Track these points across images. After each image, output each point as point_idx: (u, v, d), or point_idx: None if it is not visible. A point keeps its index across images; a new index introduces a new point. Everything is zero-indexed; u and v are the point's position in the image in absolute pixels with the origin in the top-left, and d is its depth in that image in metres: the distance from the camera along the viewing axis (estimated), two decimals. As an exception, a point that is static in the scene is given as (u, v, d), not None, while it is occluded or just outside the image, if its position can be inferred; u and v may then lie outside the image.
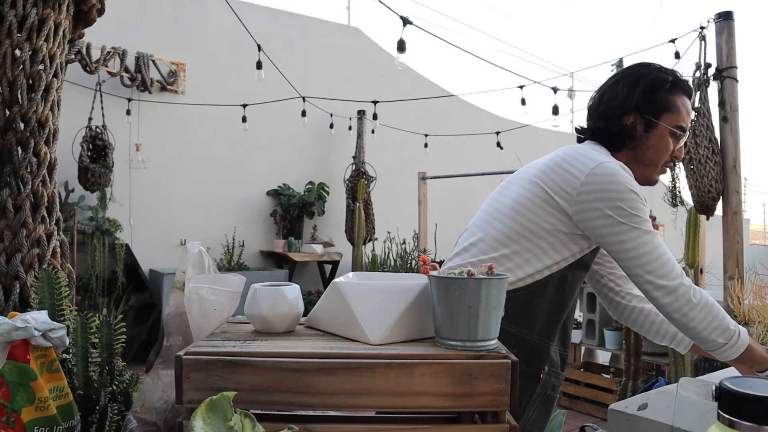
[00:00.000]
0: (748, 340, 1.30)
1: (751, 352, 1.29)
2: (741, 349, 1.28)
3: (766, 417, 0.56)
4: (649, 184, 1.46)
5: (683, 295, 1.27)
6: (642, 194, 1.32)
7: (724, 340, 1.27)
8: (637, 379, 3.62)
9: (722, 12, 3.33)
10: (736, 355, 1.28)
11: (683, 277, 1.29)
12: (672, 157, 1.43)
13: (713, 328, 1.27)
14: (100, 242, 5.04)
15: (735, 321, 1.35)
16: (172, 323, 1.07)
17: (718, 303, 1.31)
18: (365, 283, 1.07)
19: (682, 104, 1.40)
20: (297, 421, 0.87)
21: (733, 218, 3.33)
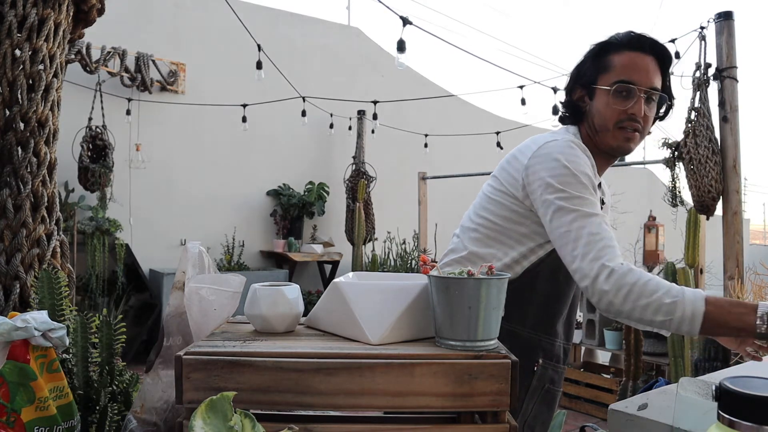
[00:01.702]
0: (700, 309, 1.08)
1: (715, 321, 1.09)
2: (693, 321, 1.08)
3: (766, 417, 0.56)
4: (620, 152, 1.36)
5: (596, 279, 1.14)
6: (583, 171, 1.24)
7: (663, 317, 1.10)
8: (637, 379, 3.62)
9: (722, 12, 3.33)
10: (692, 329, 1.09)
11: (604, 260, 1.14)
12: (629, 116, 1.30)
13: (643, 307, 1.11)
14: (100, 242, 5.05)
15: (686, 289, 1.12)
16: (172, 323, 1.07)
17: (651, 276, 1.13)
18: (365, 283, 1.07)
19: (624, 60, 1.32)
20: (297, 421, 0.87)
21: (733, 218, 3.33)
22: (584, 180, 1.24)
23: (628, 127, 1.32)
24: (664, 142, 3.61)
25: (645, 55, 1.33)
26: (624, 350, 3.69)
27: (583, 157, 1.28)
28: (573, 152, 1.27)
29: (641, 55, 1.33)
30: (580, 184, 1.23)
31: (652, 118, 1.35)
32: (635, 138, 1.33)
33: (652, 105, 1.33)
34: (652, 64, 1.33)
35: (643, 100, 1.31)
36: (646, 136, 1.38)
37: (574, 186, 1.22)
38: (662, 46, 1.35)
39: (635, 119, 1.31)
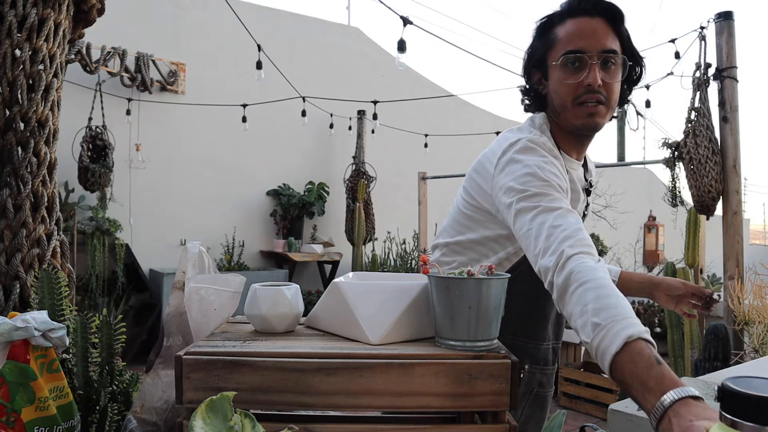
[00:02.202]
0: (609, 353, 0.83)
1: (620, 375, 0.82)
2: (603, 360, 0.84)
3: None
4: (587, 129, 1.24)
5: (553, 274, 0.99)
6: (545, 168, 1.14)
7: (585, 337, 0.89)
8: (637, 379, 3.61)
9: (722, 12, 3.33)
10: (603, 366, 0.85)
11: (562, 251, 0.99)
12: (585, 88, 1.19)
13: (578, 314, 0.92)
14: (100, 242, 5.05)
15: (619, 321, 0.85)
16: (172, 323, 1.07)
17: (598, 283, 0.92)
18: (365, 283, 1.07)
19: (568, 29, 1.21)
20: (297, 421, 0.87)
21: (733, 218, 3.33)
22: (546, 176, 1.13)
23: (588, 101, 1.19)
24: (664, 142, 3.61)
25: (591, 18, 1.20)
26: (624, 350, 3.69)
27: (545, 155, 1.18)
28: (533, 153, 1.17)
29: (586, 19, 1.20)
30: (541, 181, 1.12)
31: (616, 84, 1.21)
32: (599, 111, 1.20)
33: (612, 70, 1.20)
34: (601, 26, 1.20)
35: (597, 67, 1.18)
36: (616, 106, 1.25)
37: (534, 184, 1.12)
38: (608, 3, 1.21)
39: (593, 90, 1.18)
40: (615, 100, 1.22)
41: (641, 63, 1.26)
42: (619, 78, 1.21)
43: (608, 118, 1.24)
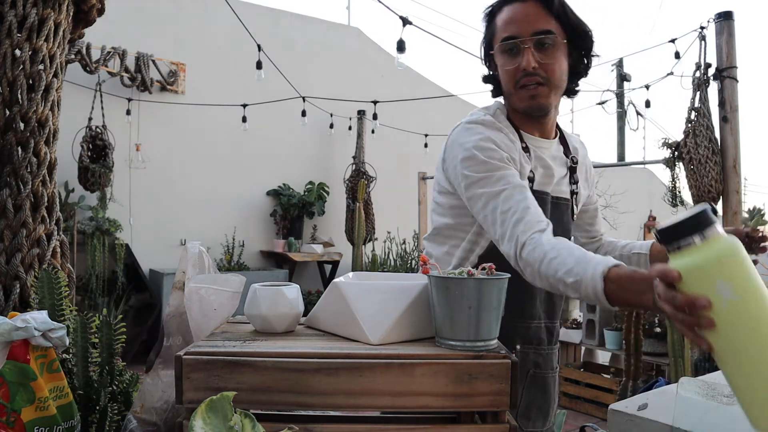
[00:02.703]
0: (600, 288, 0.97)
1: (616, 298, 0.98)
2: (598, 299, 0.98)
3: (690, 230, 0.73)
4: (534, 111, 1.28)
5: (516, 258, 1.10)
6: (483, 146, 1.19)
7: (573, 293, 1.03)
8: (637, 379, 3.62)
9: (722, 12, 3.33)
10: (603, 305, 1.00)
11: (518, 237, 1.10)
12: (522, 72, 1.22)
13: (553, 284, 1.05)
14: (100, 242, 5.04)
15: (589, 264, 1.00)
16: (172, 323, 1.07)
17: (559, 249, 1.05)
18: (365, 283, 1.07)
19: (503, 17, 1.26)
20: (297, 421, 0.87)
21: (733, 218, 3.33)
22: (485, 157, 1.18)
23: (528, 84, 1.23)
24: (664, 142, 3.61)
25: (523, 4, 1.24)
26: (624, 350, 3.69)
27: (482, 132, 1.23)
28: (470, 132, 1.23)
29: (519, 4, 1.25)
30: (481, 164, 1.18)
31: (557, 63, 1.23)
32: (539, 92, 1.24)
33: (549, 50, 1.22)
34: (533, 9, 1.23)
35: (531, 51, 1.21)
36: (564, 83, 1.27)
37: (475, 167, 1.18)
38: None
39: (529, 72, 1.22)
40: (558, 77, 1.25)
41: (587, 36, 1.27)
42: (558, 56, 1.24)
43: (555, 97, 1.27)
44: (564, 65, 1.25)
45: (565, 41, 1.24)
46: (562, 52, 1.24)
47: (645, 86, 4.56)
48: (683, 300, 0.73)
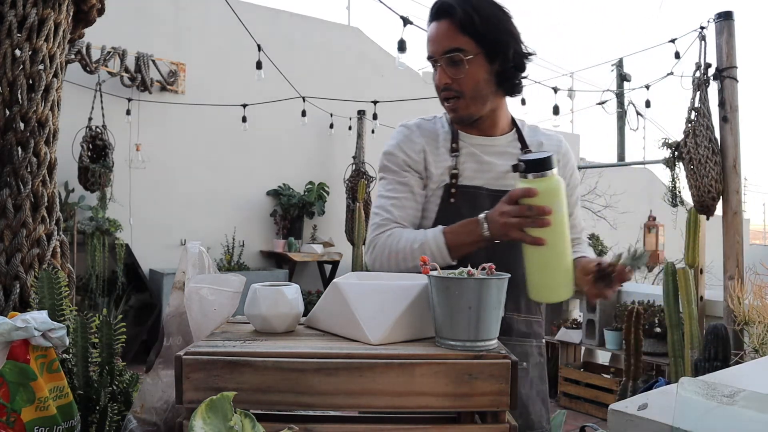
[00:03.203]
0: (441, 240, 1.26)
1: (457, 243, 1.26)
2: (442, 252, 1.26)
3: (548, 165, 1.15)
4: (457, 122, 1.40)
5: (368, 252, 1.36)
6: (390, 152, 1.40)
7: (415, 255, 1.28)
8: (637, 379, 3.62)
9: (722, 12, 3.33)
10: (445, 258, 1.26)
11: (368, 239, 1.37)
12: (441, 87, 1.36)
13: (402, 259, 1.29)
14: (100, 242, 5.05)
15: (427, 230, 1.31)
16: (172, 323, 1.07)
17: (399, 235, 1.33)
18: (365, 283, 1.07)
19: (426, 37, 1.37)
20: (297, 421, 0.87)
21: (733, 218, 3.33)
22: (387, 161, 1.41)
23: (446, 98, 1.36)
24: (664, 142, 3.61)
25: (437, 22, 1.33)
26: (624, 350, 3.69)
27: (407, 136, 1.41)
28: (394, 135, 1.43)
29: (434, 23, 1.34)
30: (383, 167, 1.42)
31: (467, 77, 1.32)
32: (456, 105, 1.35)
33: (460, 66, 1.31)
34: (443, 27, 1.32)
35: (443, 68, 1.32)
36: (480, 95, 1.35)
37: (382, 169, 1.42)
38: (449, 4, 1.31)
39: (444, 88, 1.34)
40: (473, 89, 1.33)
41: (504, 43, 1.33)
42: (471, 70, 1.31)
43: (477, 106, 1.36)
44: (480, 76, 1.33)
45: (481, 53, 1.31)
46: (478, 65, 1.32)
47: (645, 86, 4.56)
48: (537, 208, 1.12)
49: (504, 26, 1.33)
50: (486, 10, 1.31)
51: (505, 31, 1.33)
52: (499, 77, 1.35)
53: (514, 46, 1.34)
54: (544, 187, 1.14)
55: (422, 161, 1.39)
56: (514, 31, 1.34)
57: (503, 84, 1.37)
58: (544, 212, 1.12)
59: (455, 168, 1.38)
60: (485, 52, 1.31)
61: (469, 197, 1.37)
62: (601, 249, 4.35)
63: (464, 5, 1.30)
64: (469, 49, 1.30)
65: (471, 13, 1.29)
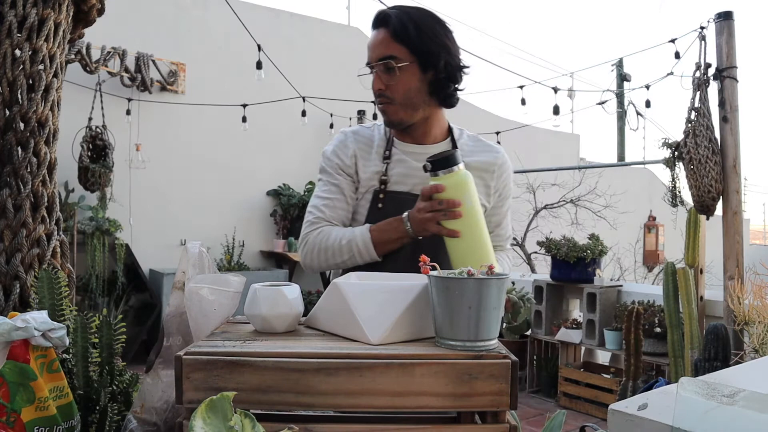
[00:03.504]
0: (367, 237, 1.36)
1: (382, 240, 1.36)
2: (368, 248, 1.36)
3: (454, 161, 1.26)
4: (389, 125, 1.48)
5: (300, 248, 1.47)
6: (327, 156, 1.51)
7: (347, 254, 1.38)
8: (637, 379, 3.62)
9: (722, 12, 3.33)
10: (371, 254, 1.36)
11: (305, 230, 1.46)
12: (375, 93, 1.45)
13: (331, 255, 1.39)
14: (100, 242, 5.04)
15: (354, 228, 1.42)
16: (172, 323, 1.08)
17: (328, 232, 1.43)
18: (365, 283, 1.07)
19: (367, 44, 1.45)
20: (297, 421, 0.87)
21: (733, 218, 3.33)
22: (324, 163, 1.52)
23: (380, 103, 1.44)
24: (664, 142, 3.61)
25: (376, 31, 1.41)
26: (624, 350, 3.69)
27: (342, 141, 1.51)
28: (334, 142, 1.53)
29: (374, 32, 1.42)
30: (320, 169, 1.53)
31: (399, 84, 1.39)
32: (388, 110, 1.43)
33: (393, 73, 1.38)
34: (379, 36, 1.40)
35: (378, 75, 1.40)
36: (411, 102, 1.42)
37: (320, 171, 1.53)
38: (387, 14, 1.39)
39: (377, 94, 1.42)
40: (404, 96, 1.41)
41: (436, 54, 1.38)
42: (403, 78, 1.39)
43: (407, 113, 1.43)
44: (412, 83, 1.39)
45: (414, 62, 1.38)
46: (410, 73, 1.39)
47: (645, 86, 4.56)
48: (447, 201, 1.23)
49: (439, 38, 1.39)
50: (422, 21, 1.38)
51: (439, 43, 1.38)
52: (432, 86, 1.41)
53: (447, 58, 1.39)
54: (451, 182, 1.24)
55: (353, 165, 1.48)
56: (448, 43, 1.40)
57: (436, 93, 1.43)
58: (454, 204, 1.23)
59: (384, 174, 1.45)
60: (418, 61, 1.38)
61: (396, 202, 1.44)
62: (601, 249, 4.35)
63: (401, 16, 1.37)
64: (402, 57, 1.37)
65: (407, 23, 1.36)
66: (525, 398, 4.37)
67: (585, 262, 4.28)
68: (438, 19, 1.42)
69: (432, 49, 1.38)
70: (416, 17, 1.38)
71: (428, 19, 1.40)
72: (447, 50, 1.40)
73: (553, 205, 7.45)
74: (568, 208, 7.54)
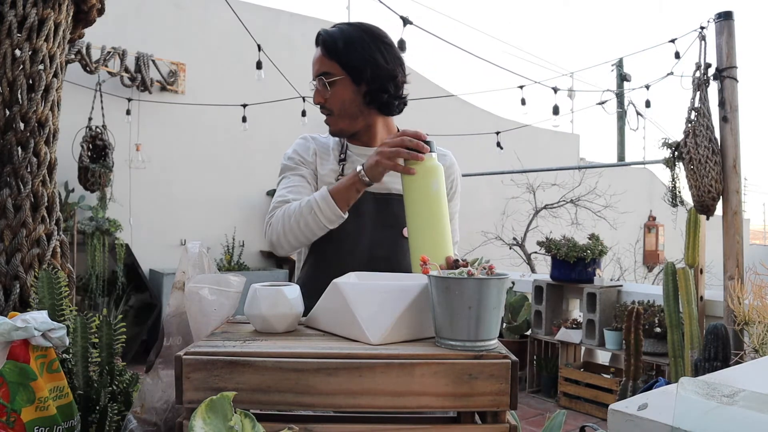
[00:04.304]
0: (325, 192, 1.37)
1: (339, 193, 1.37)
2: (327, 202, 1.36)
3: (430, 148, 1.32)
4: (334, 135, 1.58)
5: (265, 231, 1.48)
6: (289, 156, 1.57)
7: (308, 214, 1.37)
8: (637, 379, 3.62)
9: (722, 12, 3.33)
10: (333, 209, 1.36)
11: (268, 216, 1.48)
12: (316, 104, 1.54)
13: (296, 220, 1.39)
14: (100, 242, 5.04)
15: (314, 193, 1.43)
16: (172, 323, 1.08)
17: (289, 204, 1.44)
18: (365, 283, 1.07)
19: None
20: (297, 421, 0.87)
21: (733, 218, 3.33)
22: (285, 162, 1.57)
23: (323, 114, 1.55)
24: (664, 142, 3.61)
25: (317, 48, 1.53)
26: (624, 350, 3.69)
27: (302, 143, 1.59)
28: (294, 144, 1.60)
29: (316, 49, 1.53)
30: (281, 170, 1.57)
31: (335, 97, 1.49)
32: (330, 121, 1.54)
33: (331, 87, 1.49)
34: (317, 54, 1.52)
35: (317, 89, 1.52)
36: (349, 112, 1.51)
37: (281, 172, 1.57)
38: (323, 34, 1.51)
39: (319, 107, 1.54)
40: (341, 107, 1.50)
41: (364, 69, 1.48)
42: (338, 91, 1.49)
43: (348, 122, 1.52)
44: (346, 95, 1.49)
45: (346, 76, 1.47)
46: (343, 86, 1.48)
47: (645, 86, 4.56)
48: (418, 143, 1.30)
49: (366, 52, 1.46)
50: (352, 37, 1.47)
51: (366, 57, 1.46)
52: (367, 97, 1.49)
53: (375, 71, 1.47)
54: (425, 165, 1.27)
55: (314, 162, 1.55)
56: (377, 56, 1.47)
57: (373, 103, 1.50)
58: (423, 149, 1.28)
59: (341, 174, 1.52)
60: (349, 75, 1.47)
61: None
62: (601, 249, 4.35)
63: (334, 33, 1.49)
64: (334, 72, 1.48)
65: (337, 40, 1.47)
66: (525, 398, 4.38)
67: (585, 262, 4.28)
68: (373, 33, 1.49)
69: (359, 63, 1.46)
70: (347, 33, 1.47)
71: (359, 34, 1.48)
72: (375, 63, 1.47)
73: (553, 205, 7.45)
74: (568, 208, 7.54)
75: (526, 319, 4.69)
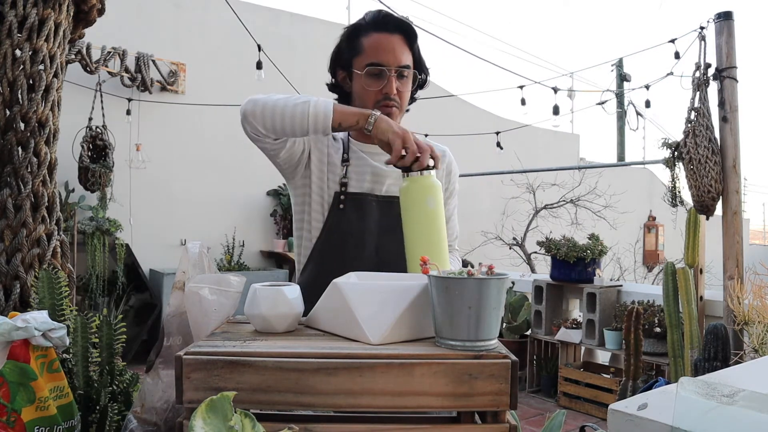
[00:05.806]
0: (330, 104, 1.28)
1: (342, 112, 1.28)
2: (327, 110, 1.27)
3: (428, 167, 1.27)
4: None
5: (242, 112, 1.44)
6: None
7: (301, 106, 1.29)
8: (637, 379, 3.62)
9: (722, 12, 3.33)
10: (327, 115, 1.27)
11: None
12: (384, 95, 1.42)
13: (288, 101, 1.33)
14: (100, 242, 5.04)
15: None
16: (172, 323, 1.08)
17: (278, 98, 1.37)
18: (365, 283, 1.07)
19: (372, 43, 1.41)
20: (297, 421, 0.87)
21: (733, 218, 3.33)
22: None
23: (387, 106, 1.42)
24: (664, 142, 3.61)
25: (391, 35, 1.41)
26: (624, 350, 3.69)
27: None
28: None
29: (387, 35, 1.41)
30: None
31: (407, 92, 1.45)
32: (393, 113, 1.43)
33: (405, 81, 1.43)
34: (398, 43, 1.41)
35: (394, 79, 1.41)
36: (405, 110, 1.49)
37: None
38: (406, 23, 1.43)
39: (389, 97, 1.41)
40: (405, 104, 1.47)
41: (426, 73, 1.50)
42: (410, 87, 1.46)
43: (400, 118, 1.47)
44: (410, 91, 1.47)
45: (414, 71, 1.45)
46: (411, 81, 1.46)
47: (645, 86, 4.56)
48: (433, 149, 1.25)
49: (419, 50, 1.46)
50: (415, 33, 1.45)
51: (424, 59, 1.48)
52: (412, 94, 1.50)
53: (424, 67, 1.49)
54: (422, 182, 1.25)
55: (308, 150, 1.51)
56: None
57: (411, 100, 1.51)
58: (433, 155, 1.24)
59: (345, 177, 1.47)
60: (416, 68, 1.46)
61: (357, 203, 1.46)
62: (601, 249, 4.35)
63: (410, 25, 1.44)
64: (410, 64, 1.44)
65: (415, 33, 1.43)
66: (525, 398, 4.38)
67: (585, 262, 4.28)
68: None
69: (423, 64, 1.48)
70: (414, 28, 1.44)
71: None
72: (424, 61, 1.48)
73: (553, 205, 7.45)
74: (568, 208, 7.54)
75: (526, 319, 4.69)
